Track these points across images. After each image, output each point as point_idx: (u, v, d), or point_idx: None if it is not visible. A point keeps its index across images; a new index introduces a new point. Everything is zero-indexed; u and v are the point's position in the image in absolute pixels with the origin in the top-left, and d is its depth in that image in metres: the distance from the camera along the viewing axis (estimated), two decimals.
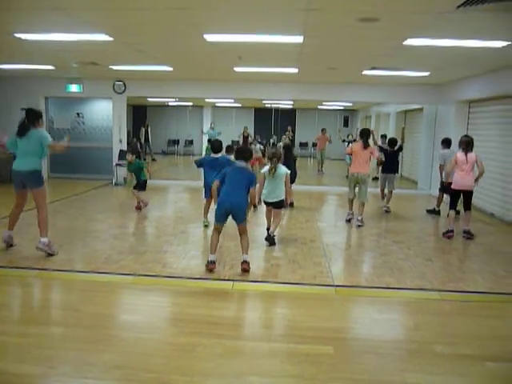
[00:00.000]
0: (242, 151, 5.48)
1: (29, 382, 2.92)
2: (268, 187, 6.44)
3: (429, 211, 8.95)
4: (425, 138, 12.21)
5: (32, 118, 5.47)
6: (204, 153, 15.55)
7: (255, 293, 4.66)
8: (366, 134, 7.76)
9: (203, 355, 3.28)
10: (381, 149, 9.20)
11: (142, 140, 18.25)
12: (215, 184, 5.24)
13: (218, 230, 5.20)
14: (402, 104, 13.70)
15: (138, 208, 8.47)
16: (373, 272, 5.43)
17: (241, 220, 5.15)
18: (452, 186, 7.05)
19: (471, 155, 6.86)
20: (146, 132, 18.92)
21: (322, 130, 16.43)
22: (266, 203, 6.58)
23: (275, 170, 6.36)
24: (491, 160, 8.84)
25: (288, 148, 9.29)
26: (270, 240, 6.32)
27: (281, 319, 4.14)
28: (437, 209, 8.81)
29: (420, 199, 11.21)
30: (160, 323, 3.89)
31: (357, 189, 7.78)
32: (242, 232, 5.21)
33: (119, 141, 12.15)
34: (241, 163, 5.31)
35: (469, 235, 6.91)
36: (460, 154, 6.89)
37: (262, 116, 19.96)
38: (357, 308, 4.46)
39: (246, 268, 5.07)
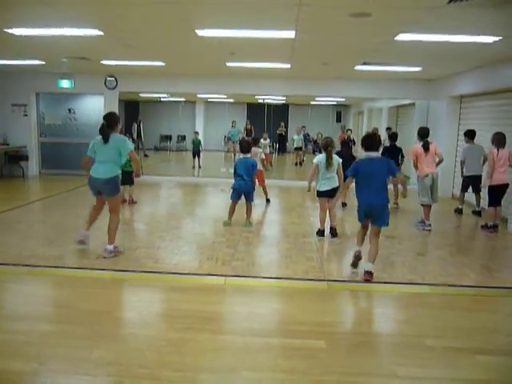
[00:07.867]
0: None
1: (19, 378, 2.90)
2: (324, 177, 6.53)
3: (456, 211, 8.54)
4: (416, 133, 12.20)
5: (112, 123, 5.33)
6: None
7: (247, 288, 4.66)
8: (425, 135, 7.55)
9: (195, 350, 3.28)
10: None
11: (135, 136, 18.20)
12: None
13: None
14: (394, 99, 13.71)
15: (133, 202, 8.60)
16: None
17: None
18: (493, 183, 7.08)
19: (504, 151, 7.06)
20: (139, 128, 18.87)
21: (347, 130, 15.79)
22: (322, 193, 6.55)
23: (331, 159, 6.47)
24: None
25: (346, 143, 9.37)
26: (334, 233, 6.61)
27: (273, 314, 4.14)
28: (460, 207, 8.44)
29: (412, 194, 11.22)
30: (152, 319, 3.88)
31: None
32: (375, 235, 4.95)
33: None
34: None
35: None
36: (495, 151, 7.06)
37: (255, 111, 19.96)
38: (349, 302, 4.49)
39: (367, 279, 4.74)
